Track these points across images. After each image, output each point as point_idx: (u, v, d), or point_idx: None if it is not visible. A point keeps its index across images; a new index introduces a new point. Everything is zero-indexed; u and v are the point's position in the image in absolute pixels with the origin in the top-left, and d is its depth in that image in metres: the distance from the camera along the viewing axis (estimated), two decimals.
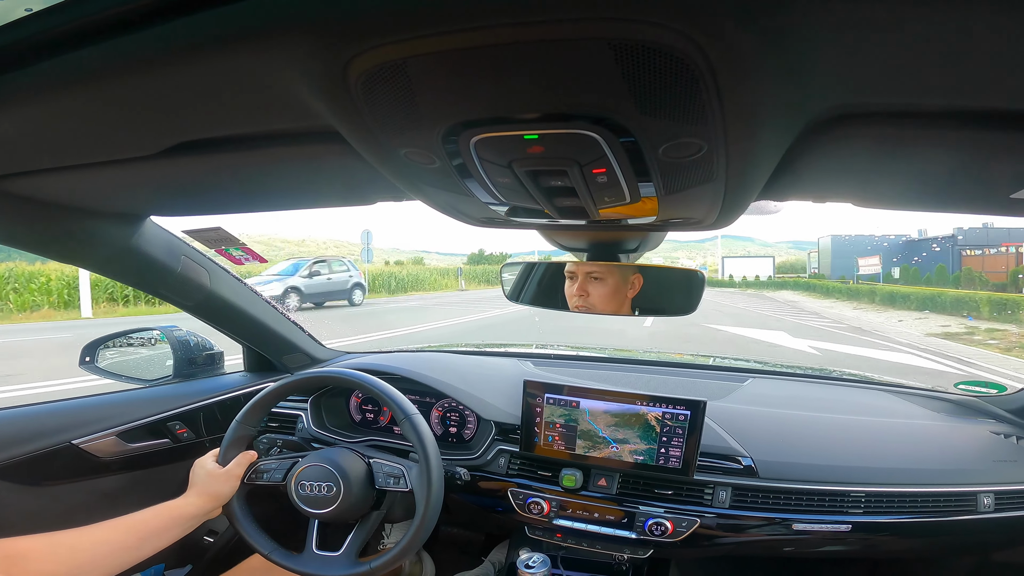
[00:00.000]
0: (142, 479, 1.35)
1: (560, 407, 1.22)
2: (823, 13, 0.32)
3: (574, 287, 1.09)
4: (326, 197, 0.91)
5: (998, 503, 1.12)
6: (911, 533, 1.13)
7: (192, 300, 1.28)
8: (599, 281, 1.07)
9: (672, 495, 1.18)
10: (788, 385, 1.59)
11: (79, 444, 1.21)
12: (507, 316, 11.76)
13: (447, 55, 0.37)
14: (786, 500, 1.14)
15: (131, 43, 0.41)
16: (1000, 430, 1.29)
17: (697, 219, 0.74)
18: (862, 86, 0.42)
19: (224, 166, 0.71)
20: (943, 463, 1.18)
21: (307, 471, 1.08)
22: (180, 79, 0.45)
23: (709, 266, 60.66)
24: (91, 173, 0.72)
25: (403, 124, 0.47)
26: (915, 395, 1.50)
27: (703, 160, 0.50)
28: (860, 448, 1.22)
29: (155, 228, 1.12)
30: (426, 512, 1.03)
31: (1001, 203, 0.67)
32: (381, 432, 1.47)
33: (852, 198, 0.74)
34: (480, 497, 1.30)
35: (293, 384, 1.17)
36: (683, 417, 1.14)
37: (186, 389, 1.44)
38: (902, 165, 0.58)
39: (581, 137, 0.46)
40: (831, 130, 0.50)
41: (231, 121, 0.57)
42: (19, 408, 1.21)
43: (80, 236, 0.98)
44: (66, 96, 0.49)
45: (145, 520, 0.94)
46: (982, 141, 0.50)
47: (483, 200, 0.66)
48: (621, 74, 0.37)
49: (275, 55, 0.40)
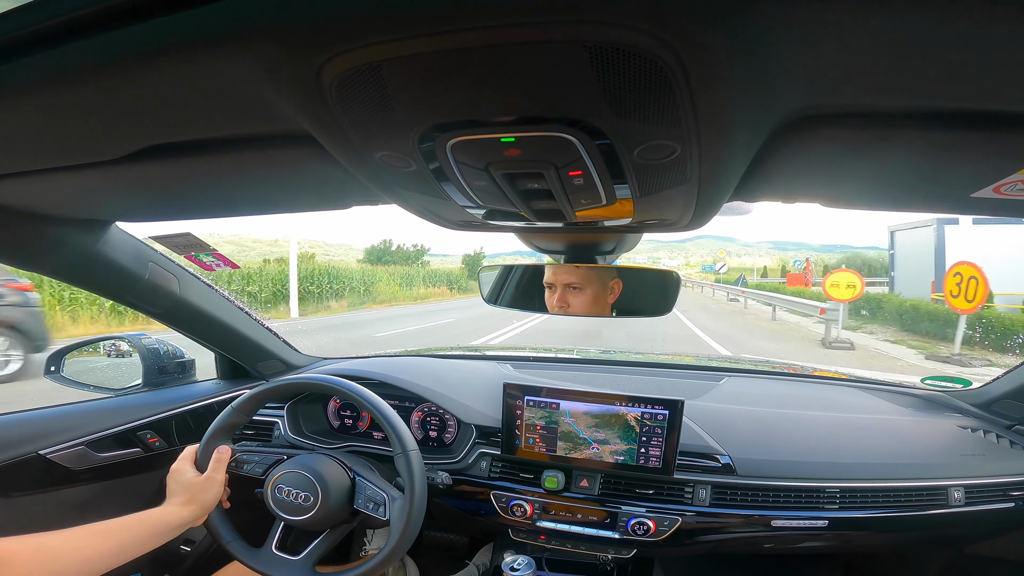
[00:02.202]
0: (112, 489, 1.32)
1: (540, 409, 1.22)
2: (791, 16, 0.33)
3: (554, 298, 1.09)
4: (299, 201, 0.89)
5: (968, 497, 1.15)
6: (885, 527, 1.16)
7: (161, 307, 1.25)
8: (578, 291, 1.07)
9: (653, 494, 1.19)
10: (762, 383, 1.62)
11: (46, 454, 1.18)
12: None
13: (423, 58, 0.36)
14: (764, 497, 1.15)
15: (96, 46, 0.40)
16: (967, 424, 1.33)
17: (672, 220, 0.75)
18: (827, 87, 0.43)
19: (194, 170, 0.69)
20: (913, 458, 1.21)
21: (287, 476, 1.07)
22: (147, 82, 0.44)
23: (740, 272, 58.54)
24: (53, 178, 0.70)
25: (378, 128, 0.47)
26: (883, 390, 1.55)
27: (677, 162, 0.51)
28: (833, 444, 1.25)
29: (121, 234, 1.08)
30: (397, 545, 1.02)
31: (962, 202, 0.69)
32: (360, 437, 1.45)
33: (820, 198, 0.75)
34: (463, 501, 1.30)
35: (301, 385, 1.18)
36: (662, 417, 1.15)
37: (157, 398, 1.41)
38: (867, 166, 0.59)
39: (557, 140, 0.46)
40: (799, 131, 0.51)
41: (201, 124, 0.56)
42: None
43: (41, 243, 0.94)
44: (26, 100, 0.47)
45: (128, 527, 0.92)
46: (943, 141, 0.51)
47: (460, 203, 0.66)
48: (596, 77, 0.37)
49: (246, 59, 0.39)
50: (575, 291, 1.07)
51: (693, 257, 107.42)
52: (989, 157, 0.54)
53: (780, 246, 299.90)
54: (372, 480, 1.09)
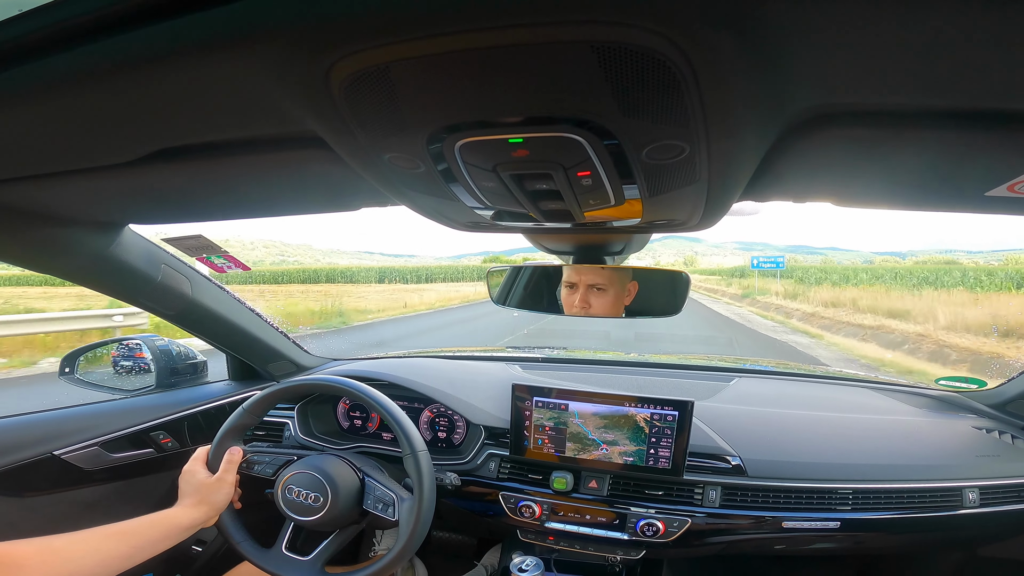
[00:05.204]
0: (125, 489, 1.33)
1: (549, 410, 1.22)
2: (799, 14, 0.33)
3: (575, 298, 1.07)
4: (309, 203, 0.90)
5: (983, 498, 1.14)
6: (899, 529, 1.15)
7: (174, 309, 1.26)
8: (601, 292, 1.06)
9: (663, 496, 1.18)
10: (773, 384, 1.60)
11: (61, 455, 1.19)
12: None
13: (431, 59, 0.36)
14: (775, 499, 1.14)
15: (108, 49, 0.40)
16: (981, 425, 1.31)
17: (681, 220, 0.74)
18: (837, 86, 0.42)
19: (205, 173, 0.69)
20: (928, 459, 1.20)
21: (297, 477, 1.07)
22: (159, 85, 0.44)
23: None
24: (67, 181, 0.71)
25: (387, 129, 0.47)
26: (896, 391, 1.53)
27: (686, 162, 0.51)
28: (846, 445, 1.23)
29: (134, 237, 1.09)
30: (406, 546, 1.02)
31: (976, 201, 0.69)
32: (369, 438, 1.45)
33: (831, 197, 0.74)
34: (471, 502, 1.30)
35: (311, 386, 1.18)
36: (671, 418, 1.14)
37: (169, 399, 1.42)
38: (879, 164, 0.59)
39: (565, 140, 0.46)
40: (809, 131, 0.50)
41: (211, 127, 0.56)
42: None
43: (55, 246, 0.95)
44: (40, 103, 0.48)
45: (140, 529, 0.92)
46: (956, 140, 0.51)
47: (468, 204, 0.66)
48: (604, 77, 0.37)
49: (256, 61, 0.40)
50: (599, 292, 1.06)
51: (662, 257, 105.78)
52: (1003, 155, 0.54)
53: (746, 246, 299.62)
54: (381, 481, 1.09)
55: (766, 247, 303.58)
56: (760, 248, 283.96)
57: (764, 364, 1.81)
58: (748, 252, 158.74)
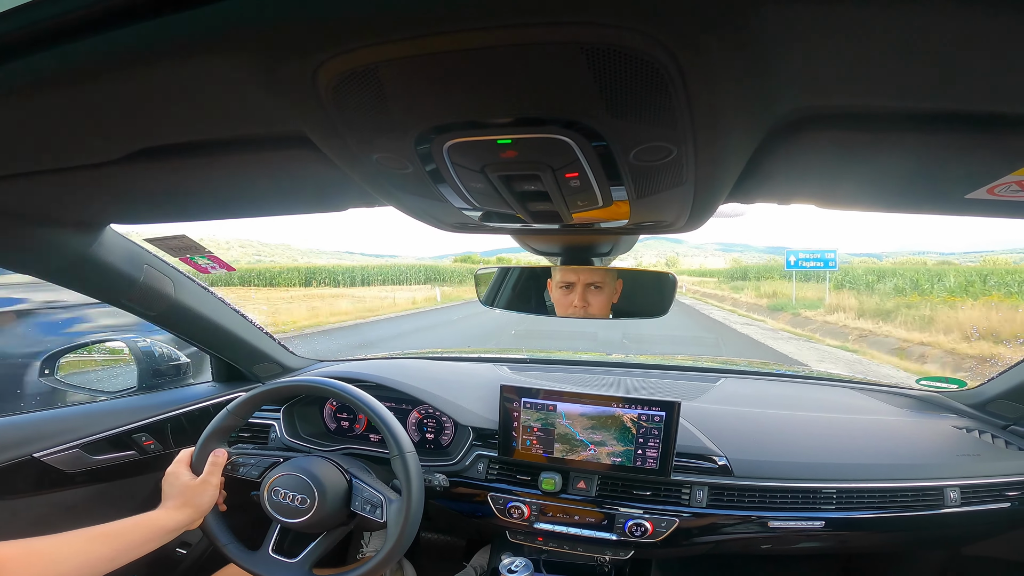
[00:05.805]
0: (107, 492, 1.31)
1: (537, 411, 1.22)
2: (787, 17, 0.33)
3: (572, 297, 1.07)
4: (296, 203, 0.89)
5: (964, 497, 1.16)
6: (882, 528, 1.16)
7: (156, 310, 1.24)
8: (599, 290, 1.07)
9: (651, 496, 1.19)
10: (759, 384, 1.62)
11: (41, 457, 1.17)
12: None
13: (420, 60, 0.36)
14: (761, 498, 1.15)
15: (89, 48, 0.39)
16: (962, 424, 1.34)
17: (668, 222, 0.75)
18: (823, 88, 0.43)
19: (189, 172, 0.68)
20: (910, 458, 1.22)
21: (283, 479, 1.06)
22: (142, 84, 0.44)
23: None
24: (46, 180, 0.69)
25: (375, 129, 0.46)
26: (878, 391, 1.55)
27: (673, 164, 0.51)
28: (830, 445, 1.25)
29: (115, 237, 1.07)
30: (394, 548, 1.01)
31: (956, 203, 0.70)
32: (357, 440, 1.44)
33: (815, 199, 0.75)
34: (460, 503, 1.29)
35: (297, 387, 1.16)
36: (658, 418, 1.15)
37: (152, 400, 1.40)
38: (862, 166, 0.59)
39: (554, 142, 0.46)
40: (794, 133, 0.51)
41: (197, 126, 0.55)
42: None
43: (34, 245, 0.93)
44: (19, 101, 0.47)
45: (124, 531, 0.91)
46: (937, 143, 0.51)
47: (456, 205, 0.66)
48: (593, 78, 0.37)
49: (242, 61, 0.39)
50: (596, 290, 1.07)
51: (644, 258, 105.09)
52: (983, 158, 0.54)
53: (727, 247, 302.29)
54: (369, 482, 1.08)
55: (745, 249, 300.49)
56: (740, 250, 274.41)
57: (750, 365, 1.83)
58: (728, 253, 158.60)
